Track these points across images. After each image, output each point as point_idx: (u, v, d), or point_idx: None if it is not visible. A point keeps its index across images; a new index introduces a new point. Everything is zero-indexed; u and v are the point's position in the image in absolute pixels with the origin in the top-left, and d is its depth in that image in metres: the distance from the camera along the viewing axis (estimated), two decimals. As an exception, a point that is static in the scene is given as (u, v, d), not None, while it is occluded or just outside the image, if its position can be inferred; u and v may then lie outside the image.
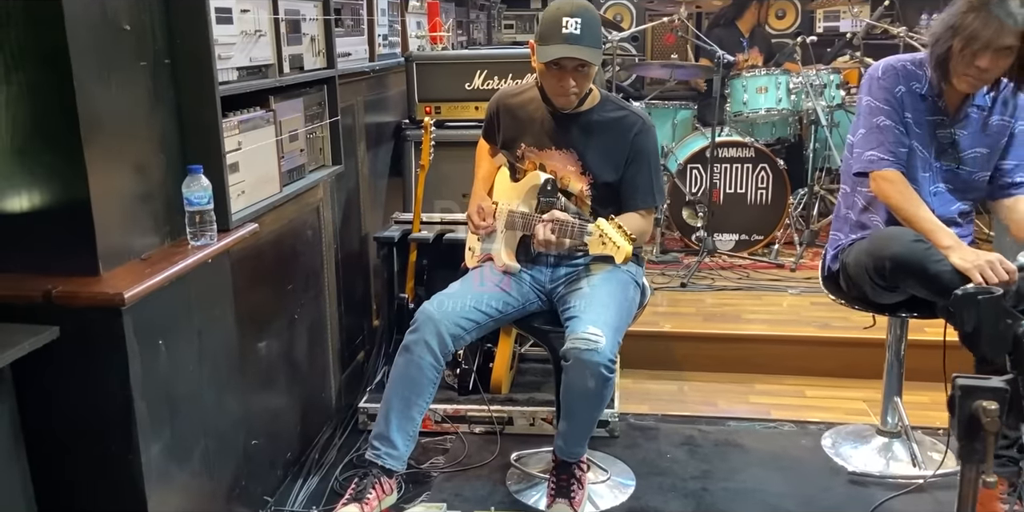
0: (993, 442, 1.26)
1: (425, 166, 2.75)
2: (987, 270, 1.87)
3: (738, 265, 3.93)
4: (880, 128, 2.13)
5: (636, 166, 2.12)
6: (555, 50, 1.96)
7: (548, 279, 2.19)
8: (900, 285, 2.05)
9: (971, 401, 1.25)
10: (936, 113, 2.13)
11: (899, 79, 2.13)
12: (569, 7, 1.98)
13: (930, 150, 2.14)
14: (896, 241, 2.02)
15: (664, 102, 4.45)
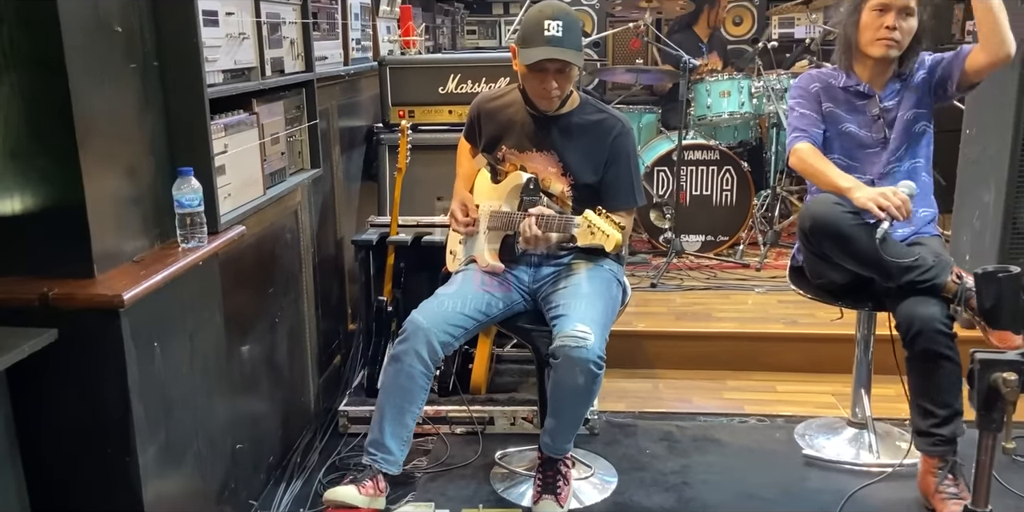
0: (1012, 411, 1.34)
1: (402, 169, 2.76)
2: (881, 201, 2.04)
3: (705, 265, 4.01)
4: (796, 117, 2.36)
5: (616, 167, 2.16)
6: (538, 52, 2.00)
7: (532, 279, 2.22)
8: (824, 249, 2.18)
9: (990, 373, 1.34)
10: (862, 97, 2.31)
11: (813, 79, 2.37)
12: (551, 10, 2.02)
13: (865, 127, 2.32)
14: (817, 203, 2.20)
15: (628, 106, 4.52)
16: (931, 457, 2.13)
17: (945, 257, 2.13)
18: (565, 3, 2.19)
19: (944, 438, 2.09)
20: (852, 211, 2.13)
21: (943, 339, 2.02)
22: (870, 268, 2.11)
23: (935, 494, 2.12)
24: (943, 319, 2.03)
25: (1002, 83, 2.91)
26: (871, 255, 2.06)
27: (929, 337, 2.02)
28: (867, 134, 2.32)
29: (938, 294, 2.05)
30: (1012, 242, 2.96)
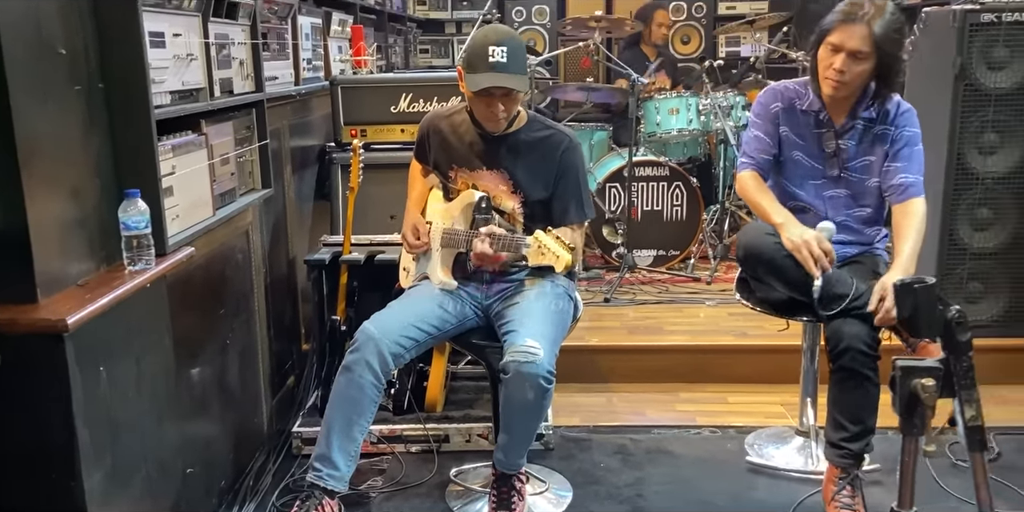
0: (931, 415, 1.40)
1: (355, 188, 2.77)
2: (803, 250, 2.10)
3: (657, 279, 4.07)
4: (749, 139, 2.37)
5: (565, 182, 2.20)
6: (483, 79, 2.03)
7: (484, 295, 2.25)
8: (758, 275, 2.25)
9: (910, 380, 1.39)
10: (821, 126, 2.30)
11: (777, 97, 2.33)
12: (495, 35, 2.06)
13: (818, 159, 2.32)
14: (750, 233, 2.27)
15: (580, 124, 4.58)
16: (836, 467, 2.19)
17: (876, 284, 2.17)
18: (513, 26, 2.23)
19: (851, 452, 2.16)
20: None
21: (865, 360, 2.09)
22: (803, 295, 2.17)
23: (831, 502, 2.18)
24: (868, 340, 2.09)
25: (937, 101, 3.03)
26: (802, 283, 2.14)
27: (852, 356, 2.08)
28: (818, 167, 2.33)
29: (868, 319, 2.11)
30: (950, 254, 3.07)
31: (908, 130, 2.25)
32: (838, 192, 2.34)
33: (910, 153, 2.24)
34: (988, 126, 2.97)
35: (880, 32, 2.08)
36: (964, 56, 2.92)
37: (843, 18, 2.11)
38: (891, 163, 2.26)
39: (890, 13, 2.11)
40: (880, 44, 2.09)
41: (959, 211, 3.03)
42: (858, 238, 2.36)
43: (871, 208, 2.35)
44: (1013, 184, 3.00)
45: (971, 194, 3.02)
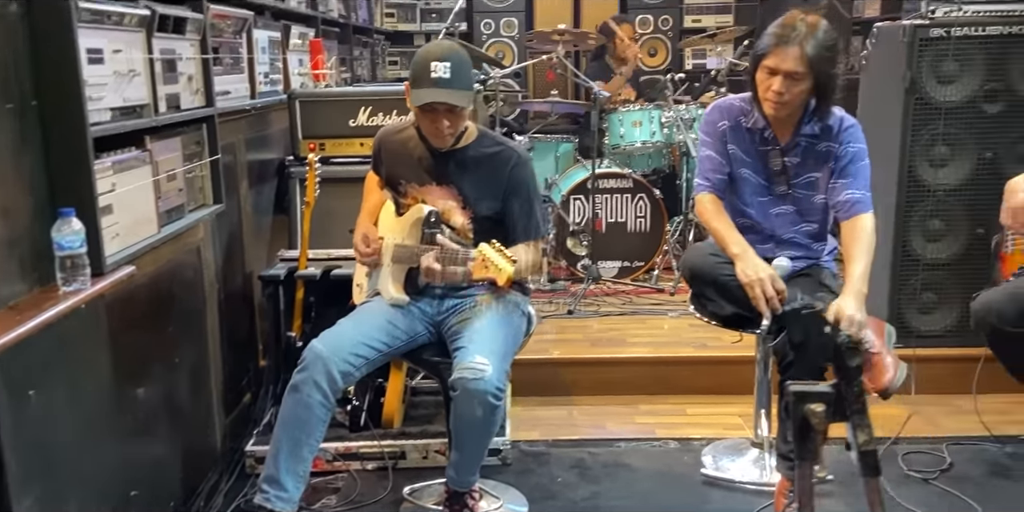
0: (822, 441, 1.40)
1: (311, 203, 2.76)
2: (756, 288, 2.12)
3: (622, 291, 4.08)
4: (702, 158, 2.38)
5: (515, 199, 2.20)
6: (425, 94, 2.03)
7: (436, 311, 2.23)
8: (704, 293, 2.28)
9: (802, 405, 1.39)
10: (766, 143, 2.32)
11: (723, 115, 2.35)
12: (438, 51, 2.06)
13: (765, 177, 2.34)
14: (694, 253, 2.31)
15: (546, 136, 4.59)
16: (787, 480, 2.21)
17: (822, 295, 2.20)
18: (481, 39, 2.23)
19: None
20: (728, 261, 2.24)
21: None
22: (748, 310, 2.19)
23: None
24: None
25: (889, 114, 3.07)
26: (746, 300, 2.16)
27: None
28: (764, 184, 2.35)
29: None
30: (903, 265, 3.11)
31: (853, 146, 2.27)
32: (785, 209, 2.36)
33: (856, 169, 2.26)
34: (939, 139, 3.01)
35: (813, 52, 2.10)
36: (914, 70, 2.96)
37: (776, 41, 2.13)
38: (837, 180, 2.28)
39: (822, 32, 2.14)
40: (814, 64, 2.11)
41: (911, 223, 3.07)
42: (806, 253, 2.38)
43: (818, 223, 2.38)
44: (964, 196, 3.04)
45: (923, 206, 3.06)
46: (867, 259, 2.18)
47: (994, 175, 2.94)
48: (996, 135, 3.00)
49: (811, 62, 2.10)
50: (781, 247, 2.38)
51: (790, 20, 2.17)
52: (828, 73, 2.15)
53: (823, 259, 2.42)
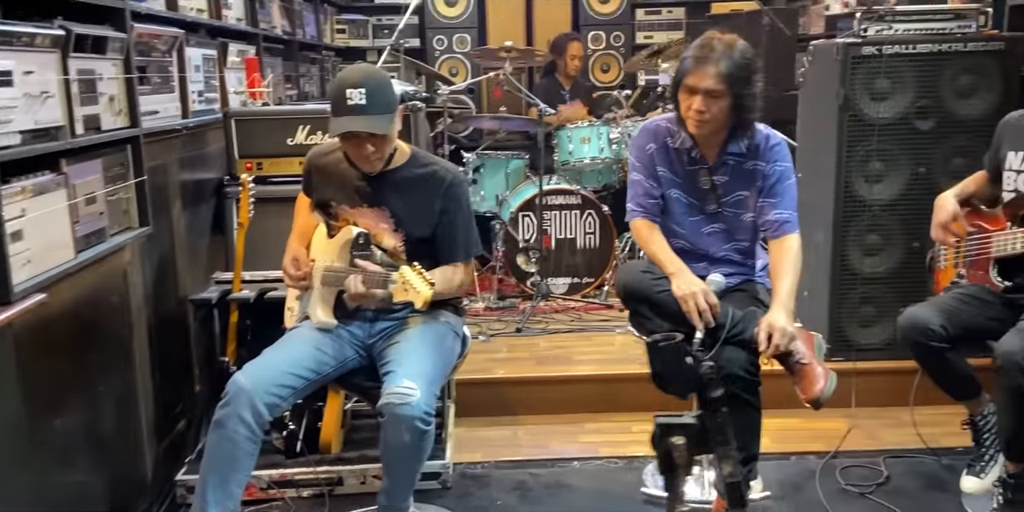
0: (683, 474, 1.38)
1: (244, 224, 2.71)
2: (690, 302, 2.15)
3: (571, 307, 4.07)
4: (633, 183, 2.40)
5: (448, 220, 2.18)
6: (343, 123, 2.01)
7: (367, 334, 2.20)
8: (639, 311, 2.29)
9: (666, 438, 1.38)
10: (694, 163, 2.33)
11: (650, 137, 2.36)
12: (356, 76, 2.03)
13: (694, 196, 2.36)
14: (626, 272, 2.34)
15: (497, 152, 4.59)
16: (722, 498, 2.20)
17: (753, 310, 2.22)
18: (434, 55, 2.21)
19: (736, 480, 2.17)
20: (661, 276, 2.25)
21: (746, 385, 2.12)
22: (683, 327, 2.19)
23: None
24: (748, 366, 2.13)
25: (825, 131, 3.12)
26: (680, 316, 2.17)
27: (733, 381, 2.10)
28: (695, 203, 2.36)
29: (747, 345, 2.14)
30: (842, 279, 3.14)
31: (780, 165, 2.29)
32: (716, 227, 2.37)
33: (783, 188, 2.29)
34: (873, 155, 3.05)
35: (728, 71, 2.13)
36: (848, 88, 3.01)
37: (695, 61, 2.16)
38: (765, 199, 2.30)
39: (738, 51, 2.17)
40: (731, 82, 2.14)
41: (849, 237, 3.11)
42: (739, 270, 2.40)
43: (748, 241, 2.39)
44: (899, 211, 3.08)
45: (860, 221, 3.10)
46: (794, 276, 2.23)
47: (928, 190, 2.98)
48: (928, 151, 3.06)
49: (728, 80, 2.13)
50: (715, 265, 2.39)
51: (707, 40, 2.20)
52: (744, 92, 2.17)
53: (757, 275, 2.44)
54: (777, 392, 2.41)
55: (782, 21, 4.59)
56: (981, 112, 3.03)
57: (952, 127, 3.04)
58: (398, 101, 2.12)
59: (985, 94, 3.03)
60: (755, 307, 2.25)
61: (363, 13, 6.42)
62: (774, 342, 2.09)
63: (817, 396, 2.11)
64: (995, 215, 2.40)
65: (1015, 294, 2.31)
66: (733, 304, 2.25)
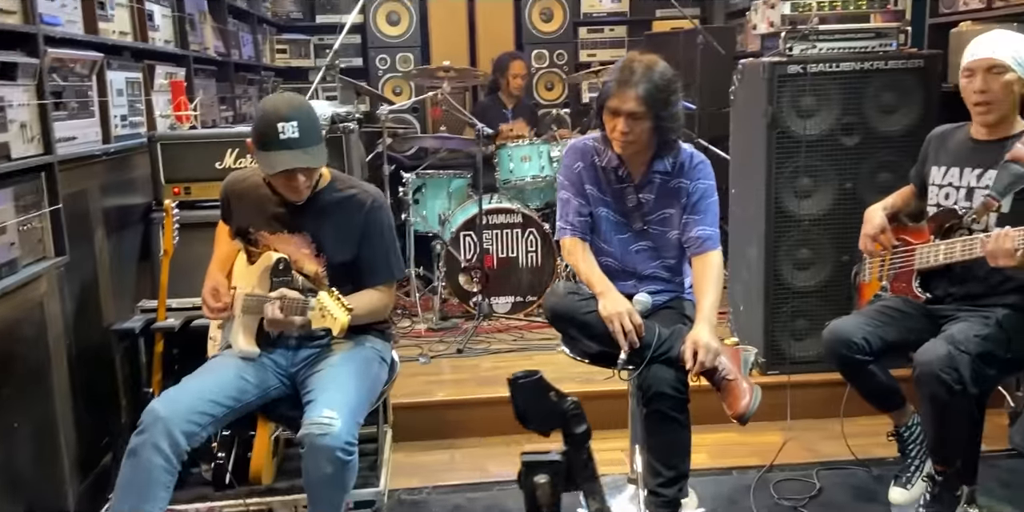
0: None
1: (169, 251, 2.65)
2: (616, 322, 2.17)
3: (514, 326, 4.06)
4: (562, 201, 2.41)
5: (370, 243, 2.16)
6: (278, 160, 1.98)
7: (290, 362, 2.16)
8: (568, 333, 2.31)
9: (531, 477, 1.35)
10: (621, 181, 2.36)
11: (578, 156, 2.39)
12: (286, 108, 2.00)
13: (622, 214, 2.38)
14: (553, 294, 2.35)
15: (439, 171, 4.58)
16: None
17: (679, 328, 2.24)
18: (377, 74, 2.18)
19: (667, 499, 2.19)
20: (587, 297, 2.27)
21: (674, 404, 2.14)
22: (611, 347, 2.21)
23: None
24: (676, 384, 2.14)
25: (755, 148, 3.17)
26: (608, 337, 2.19)
27: (661, 400, 2.12)
28: (623, 221, 2.39)
29: (675, 363, 2.15)
30: (776, 293, 3.19)
31: (703, 182, 2.33)
32: (643, 245, 2.39)
33: (706, 206, 2.32)
34: (801, 171, 3.11)
35: (648, 94, 2.16)
36: (775, 105, 3.07)
37: (616, 85, 2.19)
38: (688, 216, 2.33)
39: (658, 74, 2.20)
40: (651, 103, 2.17)
41: (781, 252, 3.15)
42: (667, 287, 2.42)
43: (675, 258, 2.42)
44: (828, 225, 3.14)
45: (791, 235, 3.15)
46: (716, 292, 2.26)
47: (855, 204, 3.06)
48: (854, 166, 3.12)
49: (648, 102, 2.16)
50: (643, 283, 2.41)
51: (627, 63, 2.23)
52: (665, 113, 2.20)
53: (685, 292, 2.45)
54: (715, 406, 2.40)
55: (719, 40, 4.68)
56: (904, 127, 3.11)
57: (876, 143, 3.12)
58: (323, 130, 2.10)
59: (907, 110, 3.11)
60: (682, 324, 2.27)
61: (304, 33, 6.39)
62: (699, 359, 2.11)
63: (743, 412, 2.13)
64: (919, 229, 2.46)
65: (936, 305, 2.37)
66: (661, 322, 2.27)
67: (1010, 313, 2.20)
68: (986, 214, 2.24)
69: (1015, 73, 2.18)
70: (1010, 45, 2.19)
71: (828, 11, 3.13)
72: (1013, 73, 2.18)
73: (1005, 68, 2.18)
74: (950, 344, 2.10)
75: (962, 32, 3.16)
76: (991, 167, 2.26)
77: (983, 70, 2.20)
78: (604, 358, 2.36)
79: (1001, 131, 2.28)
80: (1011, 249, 2.02)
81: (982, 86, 2.21)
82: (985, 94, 2.21)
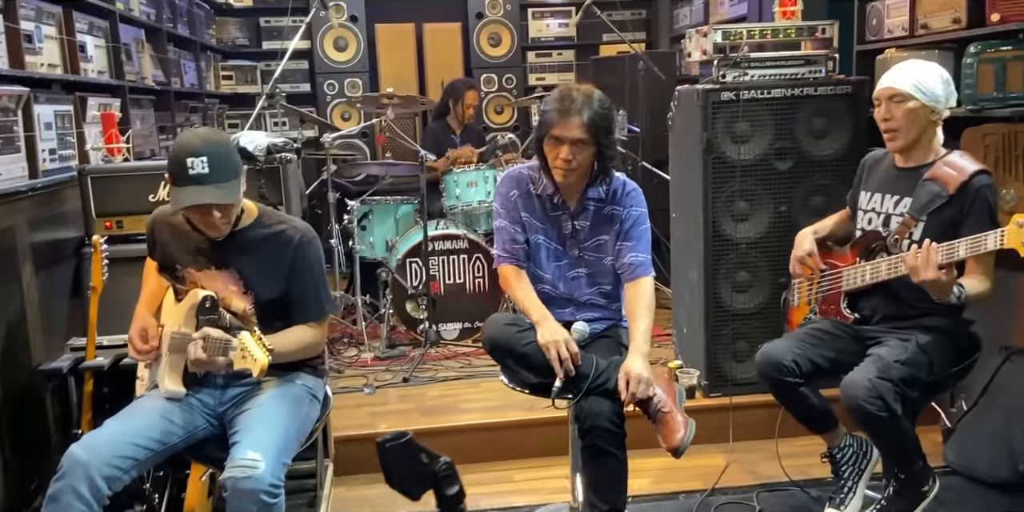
0: None
1: (98, 288, 2.59)
2: (552, 350, 2.18)
3: (461, 353, 4.04)
4: (498, 229, 2.42)
5: (299, 279, 2.14)
6: (186, 196, 1.96)
7: (218, 402, 2.12)
8: (506, 363, 2.31)
9: None
10: (556, 209, 2.37)
11: (513, 184, 2.40)
12: (197, 142, 1.98)
13: (558, 241, 2.39)
14: (492, 325, 2.34)
15: (386, 197, 4.56)
16: None
17: (616, 359, 2.25)
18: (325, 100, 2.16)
19: None
20: (526, 328, 2.27)
21: (610, 437, 2.14)
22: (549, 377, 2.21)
23: None
24: (612, 417, 2.14)
25: (692, 173, 3.21)
26: (547, 367, 2.19)
27: (598, 434, 2.12)
28: (559, 248, 2.39)
29: (611, 395, 2.16)
30: (716, 316, 3.22)
31: (635, 209, 2.36)
32: (580, 272, 2.41)
33: (638, 232, 2.35)
34: (737, 195, 3.16)
35: (591, 121, 2.20)
36: (710, 131, 3.12)
37: (558, 114, 2.22)
38: (622, 242, 2.36)
39: (597, 102, 2.24)
40: (594, 130, 2.21)
41: (720, 275, 3.19)
42: (605, 314, 2.44)
43: (611, 285, 2.43)
44: (764, 248, 3.19)
45: (729, 259, 3.19)
46: (648, 319, 2.28)
47: (790, 227, 3.11)
48: (788, 190, 3.18)
49: (591, 129, 2.20)
50: (581, 310, 2.42)
51: (566, 92, 2.26)
52: (607, 138, 2.25)
53: (622, 320, 2.47)
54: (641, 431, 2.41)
55: (662, 64, 4.76)
56: (835, 151, 3.18)
57: (809, 167, 3.18)
58: (241, 163, 2.08)
59: (837, 135, 3.18)
60: (618, 355, 2.28)
61: (251, 59, 6.36)
62: (631, 390, 2.12)
63: (677, 445, 2.14)
64: (845, 253, 2.51)
65: (863, 326, 2.42)
66: (599, 352, 2.28)
67: (930, 336, 2.25)
68: (906, 234, 2.29)
69: (918, 100, 2.24)
70: (912, 74, 2.26)
71: (759, 39, 3.20)
72: (916, 101, 2.24)
73: (906, 96, 2.25)
74: (870, 373, 2.15)
75: (887, 59, 3.25)
76: (907, 195, 2.32)
77: (886, 99, 2.28)
78: (542, 389, 2.36)
79: (918, 159, 2.34)
80: (934, 262, 2.06)
81: (885, 114, 2.29)
82: (888, 122, 2.29)
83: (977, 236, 2.04)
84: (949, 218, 2.24)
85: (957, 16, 2.80)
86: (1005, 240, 1.97)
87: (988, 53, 2.62)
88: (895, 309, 2.34)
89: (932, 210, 2.24)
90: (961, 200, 2.22)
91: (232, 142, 2.06)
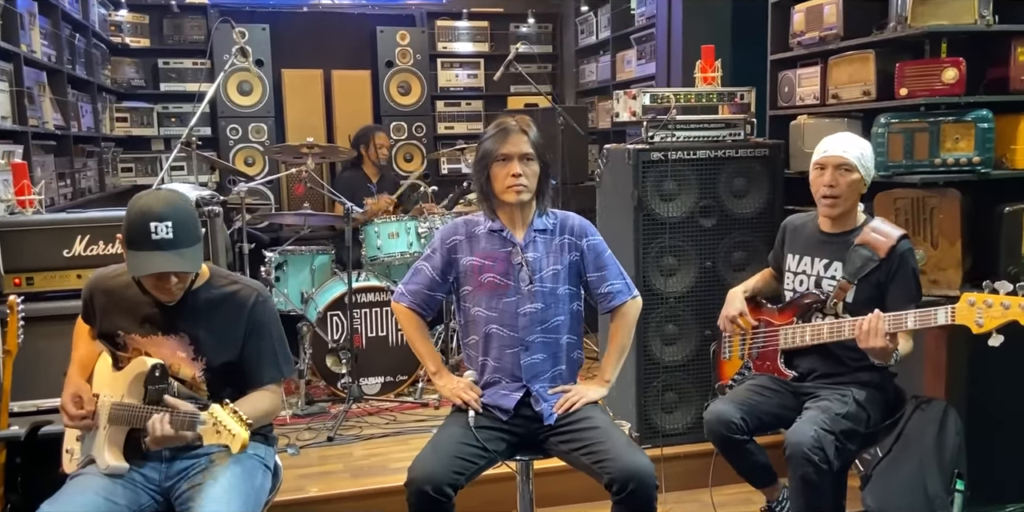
0: None
1: (12, 351, 2.39)
2: (457, 398, 2.33)
3: (385, 408, 3.94)
4: (415, 269, 2.43)
5: (256, 340, 2.05)
6: (149, 263, 1.86)
7: (163, 476, 1.98)
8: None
9: None
10: (506, 244, 2.35)
11: (457, 230, 2.39)
12: (159, 206, 1.89)
13: (510, 277, 2.34)
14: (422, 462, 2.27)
15: (301, 247, 4.44)
16: None
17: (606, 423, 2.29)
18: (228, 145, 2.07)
19: None
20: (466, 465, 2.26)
21: None
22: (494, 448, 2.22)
23: None
24: None
25: (623, 228, 3.30)
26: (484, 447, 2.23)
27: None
28: (511, 284, 2.34)
29: None
30: (646, 368, 3.30)
31: (592, 239, 2.40)
32: (533, 307, 2.33)
33: (604, 260, 2.40)
34: (666, 251, 3.28)
35: (535, 139, 2.31)
36: (640, 189, 3.23)
37: (504, 134, 2.28)
38: (593, 273, 2.39)
39: (532, 127, 2.33)
40: (538, 149, 2.30)
41: (650, 328, 3.28)
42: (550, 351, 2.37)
43: (564, 315, 2.37)
44: (691, 302, 3.31)
45: (659, 312, 3.28)
46: (621, 345, 2.42)
47: (715, 281, 3.27)
48: (713, 246, 3.33)
49: (536, 146, 2.29)
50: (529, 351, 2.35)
51: (504, 120, 2.34)
52: (546, 160, 2.34)
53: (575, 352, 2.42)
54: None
55: (573, 117, 4.91)
56: (754, 210, 3.36)
57: (731, 224, 3.34)
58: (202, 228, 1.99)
59: (756, 194, 3.36)
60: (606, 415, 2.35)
61: (147, 100, 6.10)
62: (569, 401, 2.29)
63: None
64: (778, 311, 2.63)
65: (799, 383, 2.53)
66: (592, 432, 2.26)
67: (865, 391, 2.40)
68: (843, 297, 2.44)
69: (859, 173, 2.43)
70: (857, 147, 2.45)
71: (683, 103, 3.37)
72: (858, 173, 2.43)
73: (852, 167, 2.42)
74: (816, 424, 2.26)
75: (801, 124, 3.49)
76: (836, 259, 2.48)
77: (833, 166, 2.44)
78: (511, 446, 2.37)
79: (845, 224, 2.51)
80: (883, 330, 2.20)
81: (831, 181, 2.44)
82: (833, 188, 2.44)
83: (926, 310, 2.20)
84: (877, 281, 2.40)
85: (867, 89, 3.05)
86: (956, 317, 2.13)
87: (897, 124, 2.86)
88: (831, 367, 2.48)
89: (864, 274, 2.40)
90: (889, 264, 2.39)
91: (193, 205, 1.96)
